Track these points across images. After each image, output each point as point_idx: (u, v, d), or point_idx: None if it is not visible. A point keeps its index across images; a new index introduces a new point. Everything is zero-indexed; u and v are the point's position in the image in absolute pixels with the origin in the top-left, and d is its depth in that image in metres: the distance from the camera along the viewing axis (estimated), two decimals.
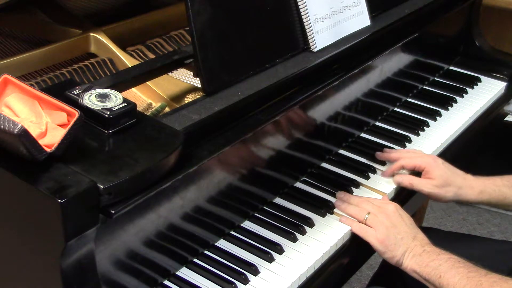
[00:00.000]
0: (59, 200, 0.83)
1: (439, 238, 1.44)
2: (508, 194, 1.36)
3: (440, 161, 1.39)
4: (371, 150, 1.51)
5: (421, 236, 1.22)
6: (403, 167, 1.42)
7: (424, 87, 1.84)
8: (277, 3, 1.30)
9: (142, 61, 1.40)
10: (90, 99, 0.99)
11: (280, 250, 1.19)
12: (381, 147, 1.53)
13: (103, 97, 1.00)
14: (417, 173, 1.42)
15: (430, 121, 1.67)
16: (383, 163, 1.47)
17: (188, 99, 1.28)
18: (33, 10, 1.49)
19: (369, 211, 1.25)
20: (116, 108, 0.98)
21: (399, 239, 1.20)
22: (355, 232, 1.25)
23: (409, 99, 1.77)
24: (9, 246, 0.97)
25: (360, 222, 1.26)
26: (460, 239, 1.49)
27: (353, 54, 1.43)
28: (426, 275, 1.15)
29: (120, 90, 1.07)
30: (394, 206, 1.26)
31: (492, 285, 1.07)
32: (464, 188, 1.36)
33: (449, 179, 1.36)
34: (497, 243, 1.52)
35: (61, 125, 0.92)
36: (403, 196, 1.43)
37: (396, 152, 1.46)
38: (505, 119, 1.93)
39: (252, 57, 1.24)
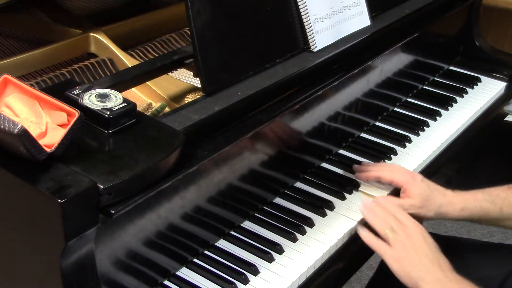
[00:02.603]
0: (59, 200, 0.83)
1: (437, 242, 1.44)
2: (490, 209, 1.29)
3: (419, 178, 1.33)
4: (371, 150, 1.51)
5: (443, 260, 1.15)
6: (380, 179, 1.36)
7: (424, 87, 1.84)
8: (277, 3, 1.30)
9: (142, 61, 1.40)
10: (90, 99, 0.99)
11: (280, 250, 1.19)
12: (381, 147, 1.53)
13: (103, 97, 1.00)
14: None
15: (430, 121, 1.67)
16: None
17: (188, 99, 1.28)
18: (33, 10, 1.49)
19: (392, 226, 1.19)
20: (116, 108, 0.98)
21: (417, 261, 1.14)
22: (371, 247, 1.20)
23: (409, 99, 1.77)
24: (9, 246, 0.97)
25: (380, 235, 1.20)
26: (458, 244, 1.49)
27: (353, 54, 1.43)
28: None
29: (120, 90, 1.07)
30: (420, 228, 1.20)
31: None
32: (445, 206, 1.29)
33: (428, 198, 1.29)
34: (493, 247, 1.51)
35: (61, 125, 0.92)
36: None
37: (376, 165, 1.40)
38: (505, 119, 1.93)
39: (252, 57, 1.24)
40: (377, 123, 1.64)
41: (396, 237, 1.17)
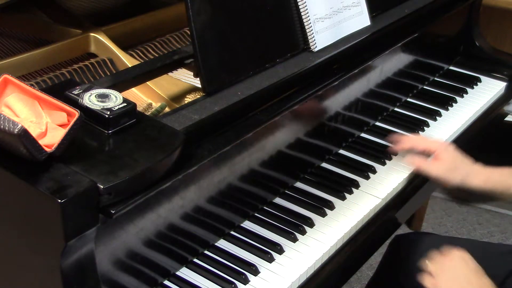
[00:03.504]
0: (59, 200, 0.83)
1: (438, 242, 1.44)
2: None
3: (452, 147, 1.43)
4: (371, 150, 1.52)
5: (488, 282, 1.15)
6: (413, 149, 1.45)
7: (424, 87, 1.84)
8: (277, 3, 1.30)
9: (142, 61, 1.40)
10: (90, 99, 0.99)
11: (280, 250, 1.19)
12: (381, 147, 1.53)
13: (103, 97, 1.00)
14: None
15: (430, 121, 1.67)
16: (383, 163, 1.47)
17: (188, 99, 1.28)
18: (33, 10, 1.49)
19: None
20: (116, 108, 0.98)
21: None
22: None
23: (409, 99, 1.77)
24: (9, 246, 0.97)
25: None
26: (458, 244, 1.49)
27: (353, 54, 1.43)
28: None
29: (120, 90, 1.07)
30: (460, 253, 1.20)
31: None
32: (471, 175, 1.37)
33: (457, 164, 1.38)
34: (494, 247, 1.52)
35: (61, 125, 0.92)
36: (403, 197, 1.43)
37: (408, 136, 1.51)
38: (505, 119, 1.93)
39: (252, 57, 1.24)
40: (377, 123, 1.64)
41: (438, 268, 1.17)
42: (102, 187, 0.87)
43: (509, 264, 1.35)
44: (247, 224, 1.26)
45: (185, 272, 1.14)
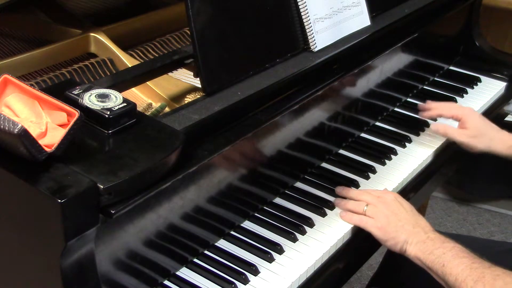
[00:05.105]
0: (59, 200, 0.83)
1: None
2: None
3: (477, 114, 1.51)
4: (371, 150, 1.52)
5: (424, 223, 1.21)
6: (441, 116, 1.54)
7: (424, 87, 1.84)
8: (277, 3, 1.30)
9: (142, 61, 1.40)
10: (90, 99, 0.99)
11: (280, 250, 1.19)
12: (381, 147, 1.53)
13: (103, 97, 1.00)
14: None
15: (430, 121, 1.67)
16: (383, 163, 1.47)
17: (188, 99, 1.28)
18: (33, 10, 1.49)
19: (368, 203, 1.25)
20: (116, 108, 0.98)
21: (399, 226, 1.19)
22: (355, 224, 1.25)
23: (409, 99, 1.77)
24: (9, 246, 0.97)
25: (360, 214, 1.25)
26: (459, 240, 1.49)
27: (353, 54, 1.43)
28: (430, 263, 1.14)
29: (120, 90, 1.07)
30: (393, 195, 1.26)
31: (495, 278, 1.06)
32: (496, 140, 1.44)
33: (482, 130, 1.45)
34: (496, 244, 1.52)
35: (61, 125, 0.92)
36: (404, 196, 1.43)
37: (436, 103, 1.60)
38: (505, 119, 1.93)
39: (252, 57, 1.24)
40: (377, 123, 1.64)
41: (375, 209, 1.23)
42: (102, 187, 0.87)
43: (509, 264, 1.35)
44: (247, 224, 1.26)
45: (185, 272, 1.14)
